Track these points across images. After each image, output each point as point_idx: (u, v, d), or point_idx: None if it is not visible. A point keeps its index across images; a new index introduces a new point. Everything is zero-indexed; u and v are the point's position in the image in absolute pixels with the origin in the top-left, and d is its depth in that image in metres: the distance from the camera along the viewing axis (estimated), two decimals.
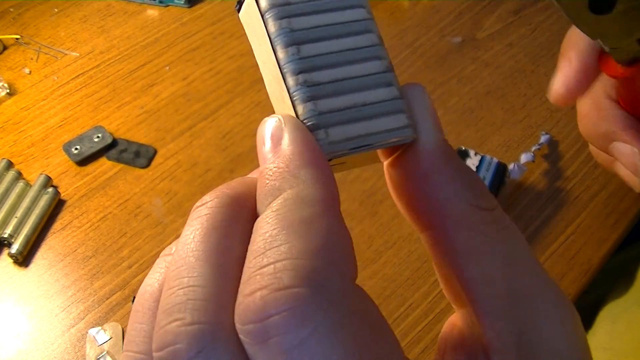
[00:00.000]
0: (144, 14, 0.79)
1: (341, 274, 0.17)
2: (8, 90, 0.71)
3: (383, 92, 0.22)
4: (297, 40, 0.22)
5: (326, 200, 0.19)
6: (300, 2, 0.22)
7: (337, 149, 0.22)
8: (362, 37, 0.23)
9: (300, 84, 0.22)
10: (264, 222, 0.19)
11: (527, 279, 0.21)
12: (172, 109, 0.70)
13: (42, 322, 0.55)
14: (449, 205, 0.21)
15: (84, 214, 0.62)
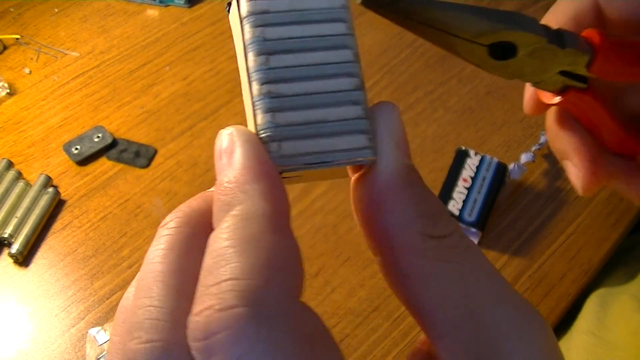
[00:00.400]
0: (144, 14, 0.79)
1: (281, 292, 0.18)
2: (8, 90, 0.71)
3: (347, 111, 0.22)
4: (268, 50, 0.22)
5: (272, 217, 0.19)
6: (280, 12, 0.22)
7: (287, 163, 0.21)
8: (337, 53, 0.22)
9: (263, 94, 0.22)
10: (213, 239, 0.19)
11: (487, 299, 0.21)
12: (173, 109, 0.70)
13: (42, 322, 0.55)
14: (398, 233, 0.21)
15: (84, 214, 0.62)
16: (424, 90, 0.72)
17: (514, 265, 0.59)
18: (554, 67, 0.29)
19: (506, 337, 0.20)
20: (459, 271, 0.21)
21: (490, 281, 0.21)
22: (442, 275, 0.21)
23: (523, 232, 0.61)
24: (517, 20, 0.28)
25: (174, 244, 0.21)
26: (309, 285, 0.57)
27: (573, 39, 0.29)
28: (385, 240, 0.21)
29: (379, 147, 0.22)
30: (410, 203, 0.21)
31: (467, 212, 0.59)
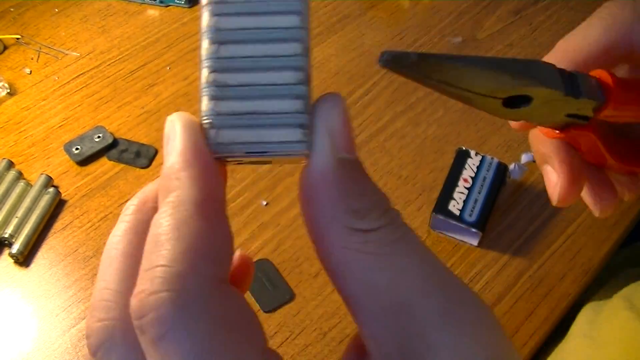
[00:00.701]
0: (145, 14, 0.79)
1: (201, 278, 0.20)
2: (8, 90, 0.71)
3: (288, 104, 0.22)
4: (221, 39, 0.23)
5: (201, 203, 0.21)
6: (237, 2, 0.23)
7: (223, 150, 0.22)
8: (286, 45, 0.22)
9: (209, 82, 0.23)
10: (153, 225, 0.21)
11: (415, 290, 0.21)
12: (173, 109, 0.70)
13: (42, 322, 0.55)
14: (325, 226, 0.22)
15: (84, 214, 0.62)
16: (424, 90, 0.72)
17: (514, 265, 0.59)
18: (563, 112, 0.29)
19: (434, 327, 0.20)
20: (386, 263, 0.21)
21: (423, 272, 0.22)
22: (368, 267, 0.21)
23: (523, 232, 0.61)
24: (534, 72, 0.27)
25: (127, 230, 0.23)
26: (309, 286, 0.57)
27: (587, 86, 0.29)
28: (316, 233, 0.22)
29: (314, 142, 0.22)
30: (338, 198, 0.22)
31: (468, 212, 0.59)
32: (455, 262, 0.59)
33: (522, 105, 0.27)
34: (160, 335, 0.19)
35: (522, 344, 0.55)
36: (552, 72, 0.28)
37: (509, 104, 0.27)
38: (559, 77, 0.28)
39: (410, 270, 0.21)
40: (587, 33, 0.29)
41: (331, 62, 0.74)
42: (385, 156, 0.66)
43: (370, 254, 0.21)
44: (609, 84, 0.29)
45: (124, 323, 0.21)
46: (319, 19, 0.79)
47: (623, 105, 0.29)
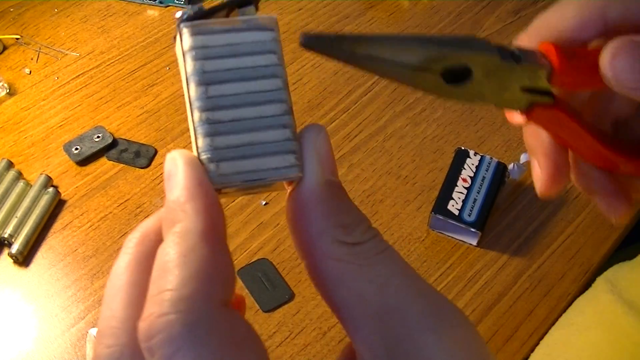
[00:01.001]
0: (144, 14, 0.79)
1: (206, 300, 0.21)
2: (8, 90, 0.71)
3: (277, 134, 0.25)
4: (207, 80, 0.24)
5: (205, 232, 0.22)
6: (217, 46, 0.25)
7: (224, 180, 0.24)
8: (268, 82, 0.25)
9: (203, 121, 0.24)
10: (159, 254, 0.23)
11: (401, 296, 0.23)
12: (173, 109, 0.70)
13: (42, 322, 0.55)
14: (316, 240, 0.24)
15: (84, 214, 0.62)
16: None
17: (513, 265, 0.59)
18: (513, 84, 0.29)
19: (420, 330, 0.22)
20: (373, 272, 0.23)
21: (406, 281, 0.24)
22: (356, 276, 0.23)
23: (523, 232, 0.61)
24: (466, 43, 0.27)
25: (130, 262, 0.25)
26: (309, 285, 0.57)
27: (529, 55, 0.29)
28: (307, 247, 0.24)
29: (304, 165, 0.25)
30: (328, 215, 0.24)
31: (467, 212, 0.59)
32: (454, 262, 0.59)
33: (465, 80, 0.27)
34: (169, 355, 0.20)
35: (522, 344, 0.55)
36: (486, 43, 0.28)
37: (451, 81, 0.27)
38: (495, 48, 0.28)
39: (394, 279, 0.24)
40: (562, 10, 0.30)
41: (331, 62, 0.74)
42: (385, 156, 0.66)
43: (358, 265, 0.23)
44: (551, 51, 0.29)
45: (132, 348, 0.22)
46: (319, 19, 0.79)
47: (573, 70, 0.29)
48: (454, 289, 0.58)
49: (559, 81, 0.29)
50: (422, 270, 0.59)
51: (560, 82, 0.29)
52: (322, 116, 0.69)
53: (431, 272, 0.59)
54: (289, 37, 0.77)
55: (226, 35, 0.25)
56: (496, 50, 0.28)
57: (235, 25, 0.25)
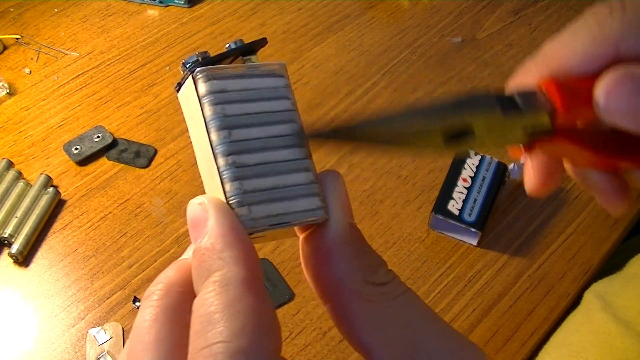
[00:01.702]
0: (144, 14, 0.79)
1: (263, 349, 0.21)
2: (8, 90, 0.71)
3: (301, 177, 0.25)
4: (229, 124, 0.24)
5: (247, 280, 0.22)
6: (234, 91, 0.25)
7: (257, 224, 0.24)
8: (286, 126, 0.25)
9: (229, 165, 0.24)
10: (199, 304, 0.22)
11: (427, 335, 0.24)
12: (172, 109, 0.70)
13: (42, 322, 0.55)
14: (345, 281, 0.24)
15: (84, 214, 0.62)
16: (424, 90, 0.72)
17: (513, 265, 0.59)
18: (515, 129, 0.28)
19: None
20: (400, 312, 0.24)
21: (428, 319, 0.25)
22: (385, 317, 0.24)
23: (523, 232, 0.61)
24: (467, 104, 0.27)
25: (158, 315, 0.23)
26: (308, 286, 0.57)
27: (530, 99, 0.28)
28: (335, 288, 0.24)
29: (330, 208, 0.25)
30: (355, 256, 0.25)
31: (467, 212, 0.59)
32: (454, 262, 0.59)
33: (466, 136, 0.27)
34: None
35: (522, 344, 0.55)
36: (485, 96, 0.28)
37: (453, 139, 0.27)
38: (495, 101, 0.28)
39: (417, 318, 0.24)
40: (573, 40, 0.29)
41: (331, 62, 0.75)
42: (385, 156, 0.66)
43: (385, 305, 0.24)
44: (553, 90, 0.28)
45: None
46: (318, 19, 0.79)
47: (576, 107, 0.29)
48: (454, 289, 0.58)
49: (562, 120, 0.29)
50: (422, 270, 0.59)
51: (562, 121, 0.29)
52: (322, 116, 0.69)
53: (431, 272, 0.59)
54: (289, 37, 0.77)
55: (241, 81, 0.25)
56: (497, 103, 0.28)
57: (249, 71, 0.25)
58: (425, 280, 0.58)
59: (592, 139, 0.31)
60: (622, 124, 0.27)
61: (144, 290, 0.57)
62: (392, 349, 0.23)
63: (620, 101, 0.26)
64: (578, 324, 0.55)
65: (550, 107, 0.28)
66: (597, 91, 0.27)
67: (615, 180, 0.32)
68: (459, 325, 0.56)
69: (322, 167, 0.64)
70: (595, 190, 0.33)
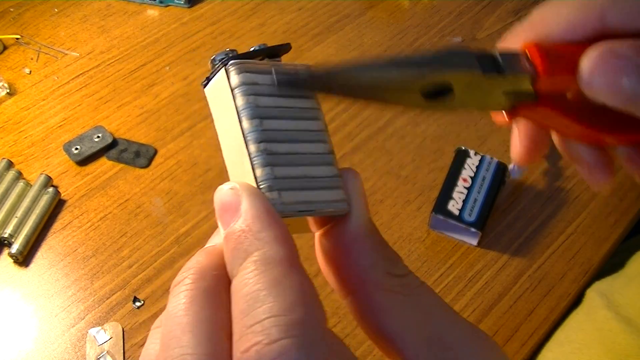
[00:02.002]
0: (144, 14, 0.79)
1: (316, 322, 0.22)
2: (8, 90, 0.71)
3: (326, 170, 0.26)
4: (261, 114, 0.25)
5: (289, 258, 0.23)
6: (265, 85, 0.26)
7: (288, 209, 0.25)
8: (312, 122, 0.27)
9: (261, 151, 0.25)
10: (241, 285, 0.22)
11: (445, 324, 0.25)
12: (172, 109, 0.70)
13: (42, 322, 0.55)
14: (369, 272, 0.25)
15: (84, 214, 0.62)
16: None
17: (514, 265, 0.59)
18: (496, 91, 0.28)
19: (466, 354, 0.25)
20: (419, 302, 0.25)
21: (445, 310, 0.26)
22: (407, 306, 0.25)
23: (523, 232, 0.61)
24: (446, 60, 0.27)
25: (195, 298, 0.23)
26: None
27: (512, 61, 0.28)
28: (358, 280, 0.25)
29: (352, 202, 0.26)
30: (377, 248, 0.25)
31: (467, 212, 0.59)
32: (454, 262, 0.59)
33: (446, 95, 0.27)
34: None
35: (522, 344, 0.55)
36: (467, 54, 0.27)
37: (432, 96, 0.27)
38: (475, 60, 0.27)
39: (436, 308, 0.26)
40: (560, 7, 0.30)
41: (331, 61, 0.74)
42: (385, 156, 0.66)
43: (405, 295, 0.25)
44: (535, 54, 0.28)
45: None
46: (319, 19, 0.79)
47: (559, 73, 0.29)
48: (455, 289, 0.58)
49: (543, 85, 0.29)
50: (422, 270, 0.59)
51: (544, 86, 0.29)
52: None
53: (431, 272, 0.59)
54: (289, 37, 0.77)
55: (270, 77, 0.26)
56: (477, 62, 0.27)
57: (278, 69, 0.27)
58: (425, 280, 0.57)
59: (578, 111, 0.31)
60: (603, 99, 0.27)
61: (144, 290, 0.57)
62: (415, 336, 0.24)
63: (602, 77, 0.27)
64: (580, 321, 0.55)
65: (532, 71, 0.28)
66: (581, 65, 0.27)
67: (600, 154, 0.32)
68: None
69: None
70: (579, 163, 0.33)
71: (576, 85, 0.28)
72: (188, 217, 0.61)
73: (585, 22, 0.29)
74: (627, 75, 0.26)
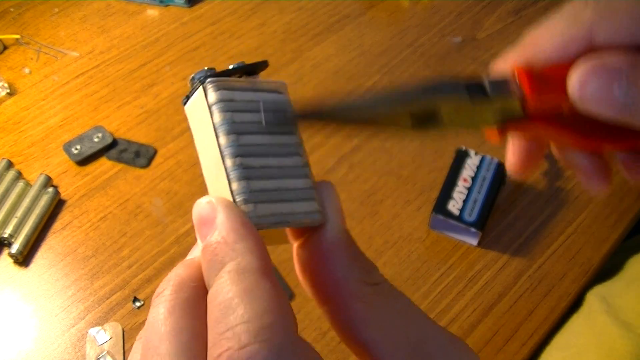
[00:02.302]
0: (144, 14, 0.79)
1: (284, 328, 0.22)
2: (8, 90, 0.71)
3: (301, 182, 0.27)
4: (237, 130, 0.26)
5: (262, 268, 0.23)
6: (242, 101, 0.27)
7: (263, 221, 0.26)
8: (287, 137, 0.27)
9: (237, 166, 0.26)
10: (215, 294, 0.23)
11: (421, 331, 0.25)
12: (172, 109, 0.70)
13: (42, 322, 0.55)
14: (344, 281, 0.25)
15: (84, 214, 0.62)
16: None
17: (514, 265, 0.59)
18: (485, 114, 0.29)
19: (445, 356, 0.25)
20: (395, 310, 0.26)
21: (423, 318, 0.26)
22: (383, 314, 0.25)
23: (523, 232, 0.61)
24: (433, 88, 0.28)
25: (173, 308, 0.24)
26: None
27: (500, 86, 0.29)
28: (333, 289, 0.26)
29: (328, 213, 0.27)
30: (352, 257, 0.26)
31: (467, 212, 0.59)
32: (454, 262, 0.59)
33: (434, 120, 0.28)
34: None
35: (522, 344, 0.55)
36: (456, 84, 0.29)
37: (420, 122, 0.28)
38: (463, 87, 0.29)
39: (413, 316, 0.26)
40: (550, 28, 0.30)
41: (331, 61, 0.74)
42: (385, 156, 0.66)
43: (380, 304, 0.25)
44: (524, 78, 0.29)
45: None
46: (318, 19, 0.79)
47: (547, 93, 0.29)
48: (455, 289, 0.58)
49: (532, 105, 0.29)
50: (422, 270, 0.59)
51: (533, 106, 0.29)
52: None
53: (431, 272, 0.59)
54: (289, 37, 0.77)
55: (247, 93, 0.27)
56: (465, 90, 0.28)
57: (254, 86, 0.27)
58: (426, 280, 0.58)
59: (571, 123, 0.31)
60: (596, 112, 0.27)
61: (144, 290, 0.57)
62: (392, 345, 0.25)
63: (593, 89, 0.27)
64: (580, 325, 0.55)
65: (520, 93, 0.29)
66: (571, 80, 0.28)
67: (596, 160, 0.33)
68: (459, 325, 0.56)
69: (323, 167, 0.64)
70: (576, 169, 0.34)
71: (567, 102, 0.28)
72: (188, 217, 0.61)
73: (575, 40, 0.29)
74: (619, 86, 0.27)
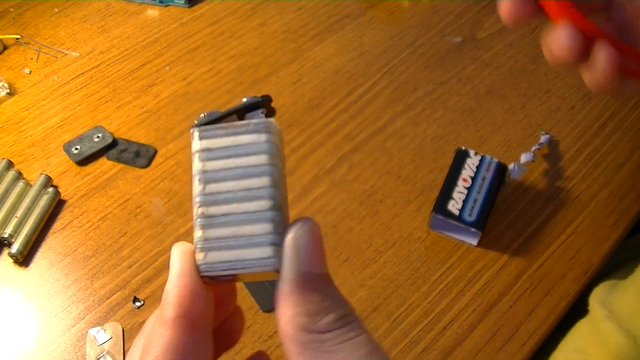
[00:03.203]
0: (144, 14, 0.79)
1: None
2: (8, 90, 0.71)
3: (260, 227, 0.27)
4: (206, 179, 0.28)
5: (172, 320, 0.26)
6: (218, 148, 0.28)
7: (210, 269, 0.27)
8: (257, 180, 0.28)
9: (199, 215, 0.27)
10: None
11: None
12: (172, 109, 0.70)
13: (42, 322, 0.55)
14: (285, 327, 0.26)
15: (84, 214, 0.62)
16: (424, 90, 0.72)
17: (514, 265, 0.59)
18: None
19: None
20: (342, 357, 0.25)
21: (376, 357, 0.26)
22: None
23: (523, 232, 0.61)
24: None
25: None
26: None
27: None
28: (280, 330, 0.26)
29: (283, 259, 0.27)
30: (298, 304, 0.26)
31: (467, 212, 0.59)
32: (454, 262, 0.59)
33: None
34: None
35: (522, 344, 0.55)
36: None
37: None
38: None
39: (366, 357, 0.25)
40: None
41: (331, 61, 0.74)
42: (385, 156, 0.66)
43: (321, 352, 0.25)
44: None
45: None
46: (318, 19, 0.79)
47: None
48: (454, 289, 0.58)
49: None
50: (422, 270, 0.59)
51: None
52: (322, 116, 0.69)
53: (431, 272, 0.59)
54: (289, 37, 0.77)
55: (226, 139, 0.28)
56: None
57: (235, 129, 0.28)
58: (425, 280, 0.58)
59: None
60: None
61: (144, 290, 0.57)
62: None
63: None
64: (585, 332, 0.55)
65: None
66: None
67: None
68: (459, 325, 0.56)
69: (322, 168, 0.64)
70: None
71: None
72: (188, 217, 0.61)
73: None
74: None
